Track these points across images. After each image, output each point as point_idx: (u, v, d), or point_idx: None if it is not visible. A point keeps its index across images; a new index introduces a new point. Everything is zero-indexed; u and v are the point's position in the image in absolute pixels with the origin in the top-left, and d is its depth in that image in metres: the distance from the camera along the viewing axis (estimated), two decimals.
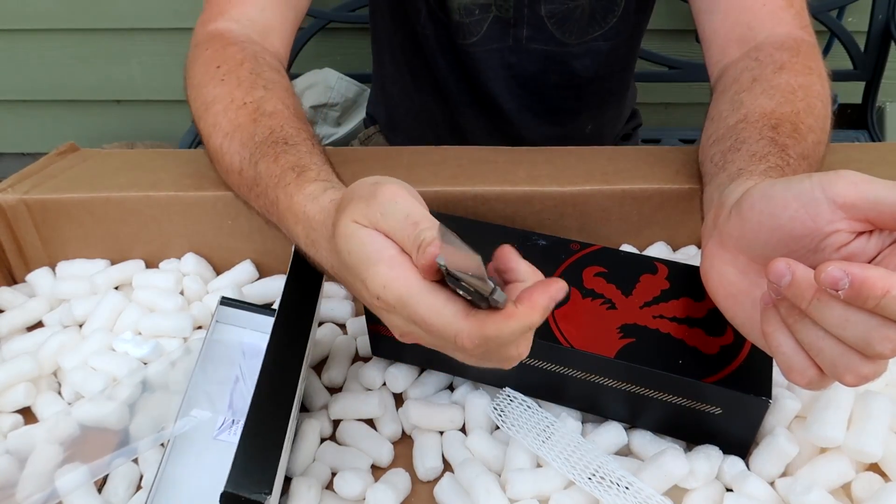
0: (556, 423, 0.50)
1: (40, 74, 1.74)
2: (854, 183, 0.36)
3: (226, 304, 0.59)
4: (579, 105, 0.91)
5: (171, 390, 0.55)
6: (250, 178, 0.54)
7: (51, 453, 0.51)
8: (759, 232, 0.40)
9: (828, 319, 0.35)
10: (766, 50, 0.62)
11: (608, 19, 0.82)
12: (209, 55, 0.63)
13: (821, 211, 0.37)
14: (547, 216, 0.65)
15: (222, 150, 0.57)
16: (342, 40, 1.62)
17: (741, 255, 0.42)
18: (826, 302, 0.34)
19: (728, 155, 0.52)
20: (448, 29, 0.82)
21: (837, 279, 0.33)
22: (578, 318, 0.50)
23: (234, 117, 0.57)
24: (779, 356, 0.38)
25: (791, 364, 0.38)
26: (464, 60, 0.85)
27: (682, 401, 0.47)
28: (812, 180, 0.37)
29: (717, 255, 0.44)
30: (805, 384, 0.38)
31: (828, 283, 0.33)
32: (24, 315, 0.64)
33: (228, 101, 0.58)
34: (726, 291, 0.43)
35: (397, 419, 0.54)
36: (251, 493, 0.42)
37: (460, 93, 0.89)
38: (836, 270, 0.33)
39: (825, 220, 0.37)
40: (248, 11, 0.67)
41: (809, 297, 0.35)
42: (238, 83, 0.59)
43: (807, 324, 0.36)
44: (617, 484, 0.45)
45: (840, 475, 0.46)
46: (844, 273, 0.33)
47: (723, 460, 0.48)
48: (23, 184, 0.69)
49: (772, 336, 0.38)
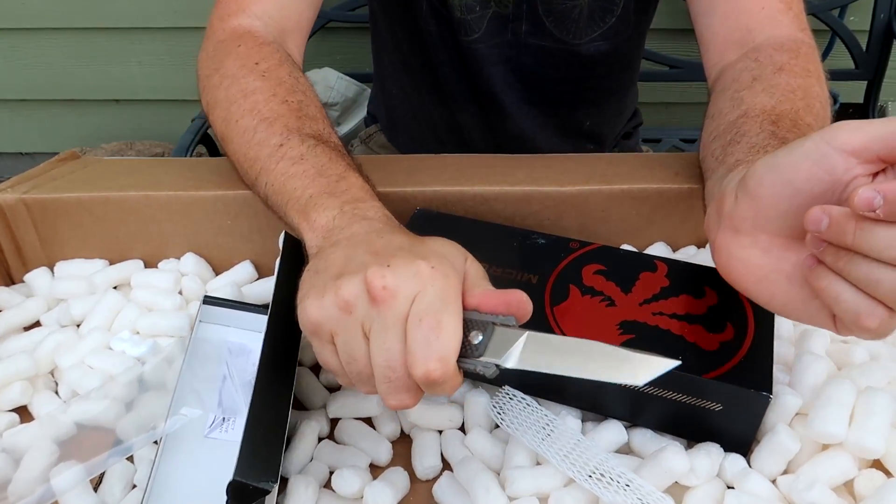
0: (556, 420, 0.50)
1: (39, 74, 1.74)
2: (855, 128, 0.37)
3: (209, 302, 0.59)
4: (578, 100, 0.91)
5: (166, 388, 0.55)
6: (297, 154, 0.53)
7: (46, 452, 0.51)
8: (778, 204, 0.40)
9: (875, 245, 0.35)
10: (765, 51, 0.61)
11: (607, 19, 0.82)
12: (243, 51, 0.63)
13: (834, 163, 0.37)
14: (546, 216, 0.65)
15: (256, 130, 0.57)
16: (342, 40, 1.62)
17: (761, 234, 0.42)
18: (869, 228, 0.35)
19: (728, 148, 0.52)
20: (450, 25, 0.82)
21: (871, 198, 0.33)
22: (578, 315, 0.50)
23: (276, 108, 0.57)
24: (841, 305, 0.38)
25: (857, 309, 0.37)
26: (466, 57, 0.85)
27: (682, 397, 0.47)
28: (813, 139, 0.38)
29: (732, 243, 0.43)
30: (877, 326, 0.37)
31: (863, 205, 0.34)
32: (21, 314, 0.64)
33: (271, 94, 0.59)
34: (755, 276, 0.43)
35: (396, 418, 0.54)
36: (258, 481, 0.43)
37: (461, 90, 0.89)
38: (867, 191, 0.33)
39: (841, 169, 0.37)
40: (268, 8, 0.67)
41: (852, 230, 0.35)
42: (279, 82, 0.60)
43: (857, 260, 0.36)
44: (617, 481, 0.45)
45: (842, 472, 0.46)
46: (876, 191, 0.33)
47: (724, 457, 0.47)
48: (22, 185, 0.68)
49: (828, 289, 0.38)
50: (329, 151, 0.54)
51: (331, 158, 0.53)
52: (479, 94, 0.88)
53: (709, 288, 0.51)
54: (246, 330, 0.60)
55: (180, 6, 1.61)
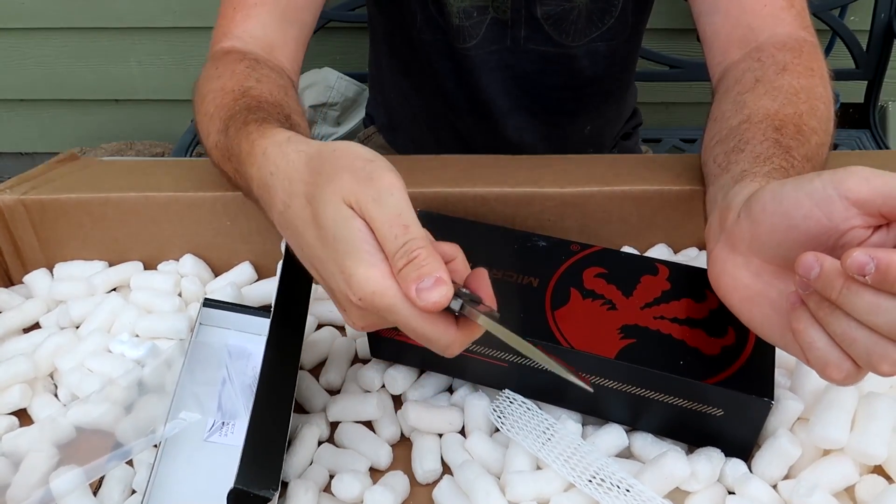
0: (556, 425, 0.50)
1: (39, 74, 1.74)
2: (865, 178, 0.36)
3: (209, 305, 0.59)
4: (578, 106, 0.91)
5: (166, 391, 0.55)
6: (223, 146, 0.55)
7: (45, 455, 0.51)
8: (774, 233, 0.40)
9: (858, 307, 0.34)
10: (768, 51, 0.61)
11: (605, 21, 0.82)
12: (211, 65, 0.65)
13: (835, 209, 0.37)
14: (547, 217, 0.65)
15: (208, 134, 0.59)
16: (342, 40, 1.62)
17: (754, 257, 0.42)
18: (855, 290, 0.34)
19: (731, 156, 0.52)
20: (447, 34, 0.82)
21: (864, 263, 0.33)
22: (578, 319, 0.50)
23: (219, 102, 0.58)
24: (813, 352, 0.38)
25: (827, 359, 0.37)
26: (462, 64, 0.84)
27: (683, 402, 0.47)
28: (822, 178, 0.37)
29: (727, 259, 0.43)
30: (842, 379, 0.37)
31: (854, 268, 0.33)
32: (20, 316, 0.64)
33: (219, 90, 0.60)
34: (741, 295, 0.43)
35: (396, 421, 0.54)
36: (259, 489, 0.43)
37: (459, 97, 0.89)
38: (861, 255, 0.33)
39: (840, 217, 0.37)
40: (251, 29, 0.69)
41: (839, 287, 0.35)
42: (231, 76, 0.61)
43: (838, 315, 0.36)
44: (617, 486, 0.45)
45: (844, 477, 0.46)
46: (870, 258, 0.33)
47: (725, 462, 0.47)
48: (21, 186, 0.68)
49: (804, 333, 0.38)
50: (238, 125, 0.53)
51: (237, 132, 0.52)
52: (477, 101, 0.88)
53: (710, 291, 0.51)
54: (246, 333, 0.60)
55: (180, 6, 1.61)
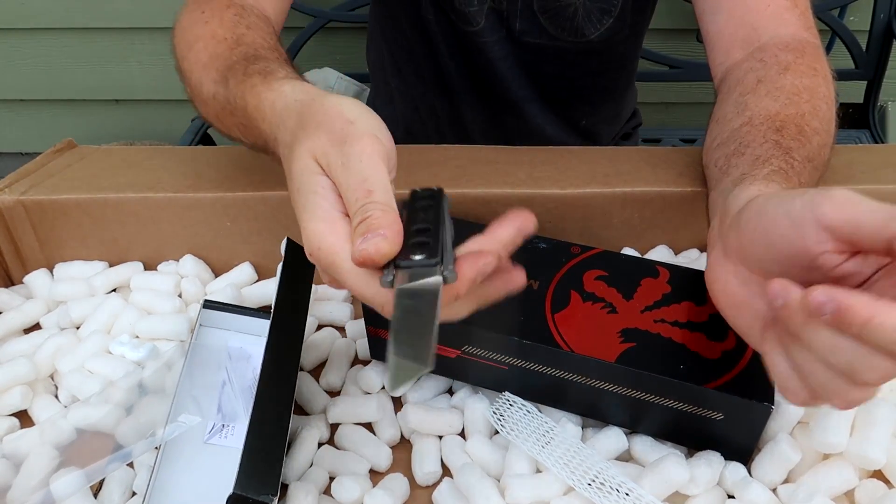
0: (556, 427, 0.50)
1: (39, 74, 1.74)
2: (840, 204, 0.35)
3: (209, 307, 0.59)
4: (573, 98, 0.91)
5: (166, 393, 0.55)
6: (223, 98, 0.54)
7: (46, 457, 0.51)
8: (755, 247, 0.40)
9: (816, 344, 0.34)
10: (770, 51, 0.61)
11: (604, 20, 0.82)
12: (195, 7, 0.64)
13: (807, 232, 0.36)
14: (548, 219, 0.65)
15: (201, 83, 0.58)
16: (342, 40, 1.61)
17: (742, 266, 0.42)
18: (815, 326, 0.34)
19: (732, 159, 0.52)
20: (450, 16, 0.83)
21: (822, 304, 0.32)
22: (579, 322, 0.50)
23: (213, 50, 0.58)
24: (775, 374, 0.38)
25: (786, 384, 0.38)
26: (466, 46, 0.85)
27: (683, 406, 0.47)
28: (804, 198, 0.36)
29: (721, 264, 0.43)
30: (799, 404, 0.38)
31: (813, 307, 0.33)
32: (21, 317, 0.64)
33: (210, 38, 0.59)
34: (729, 301, 0.43)
35: (396, 423, 0.54)
36: (258, 494, 0.43)
37: (461, 80, 0.89)
38: (820, 295, 0.32)
39: (812, 241, 0.36)
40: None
41: (800, 321, 0.34)
42: (220, 23, 0.60)
43: (798, 346, 0.36)
44: (617, 490, 0.45)
45: (843, 482, 0.46)
46: (829, 298, 0.32)
47: (724, 466, 0.47)
48: (20, 184, 0.68)
49: (769, 355, 0.38)
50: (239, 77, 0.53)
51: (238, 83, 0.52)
52: (481, 84, 0.88)
53: None
54: (246, 334, 0.60)
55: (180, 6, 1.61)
